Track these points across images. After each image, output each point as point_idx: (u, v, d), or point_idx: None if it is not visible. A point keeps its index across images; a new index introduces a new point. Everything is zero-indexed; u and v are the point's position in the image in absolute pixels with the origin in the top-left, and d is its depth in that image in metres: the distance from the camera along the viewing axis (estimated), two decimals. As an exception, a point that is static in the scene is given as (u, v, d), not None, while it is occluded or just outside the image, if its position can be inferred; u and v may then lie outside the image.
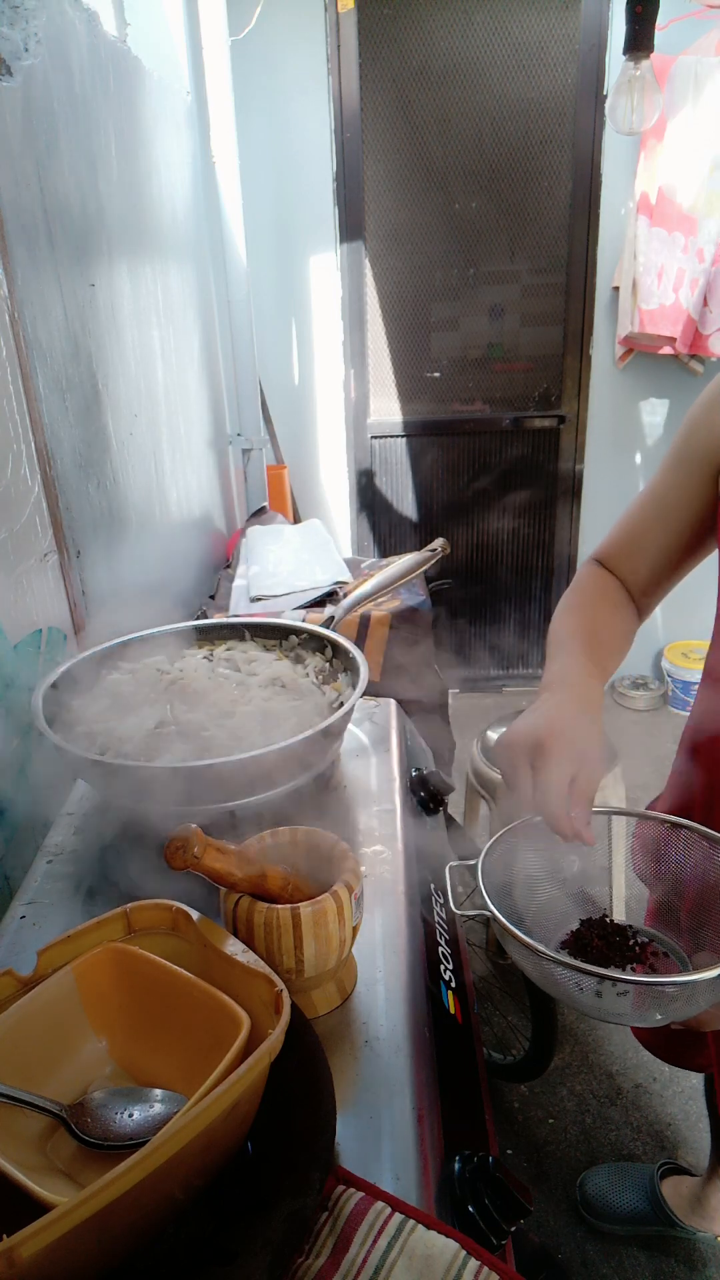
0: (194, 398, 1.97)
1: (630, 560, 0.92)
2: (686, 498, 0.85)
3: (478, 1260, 0.47)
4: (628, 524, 0.92)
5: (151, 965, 0.57)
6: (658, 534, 0.89)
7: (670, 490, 0.87)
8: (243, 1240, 0.46)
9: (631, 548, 0.91)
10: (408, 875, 0.84)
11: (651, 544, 0.90)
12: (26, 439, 1.04)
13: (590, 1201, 1.44)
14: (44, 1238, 0.38)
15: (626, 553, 0.92)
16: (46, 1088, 0.53)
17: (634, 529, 0.91)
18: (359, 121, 2.61)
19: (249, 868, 0.62)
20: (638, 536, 0.91)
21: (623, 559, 0.92)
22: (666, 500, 0.88)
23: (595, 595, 0.91)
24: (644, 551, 0.90)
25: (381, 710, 1.17)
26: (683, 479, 0.85)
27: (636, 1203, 1.42)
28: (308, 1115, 0.52)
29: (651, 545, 0.90)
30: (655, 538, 0.89)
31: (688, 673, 3.06)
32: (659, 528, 0.89)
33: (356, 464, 3.02)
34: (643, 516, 0.91)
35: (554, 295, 2.83)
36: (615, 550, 0.93)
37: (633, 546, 0.91)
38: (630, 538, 0.92)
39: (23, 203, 1.05)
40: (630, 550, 0.92)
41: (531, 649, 3.33)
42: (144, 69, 1.59)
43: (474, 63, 2.56)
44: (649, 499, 0.90)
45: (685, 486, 0.85)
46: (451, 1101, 0.64)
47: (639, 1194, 1.42)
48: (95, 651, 1.03)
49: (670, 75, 2.36)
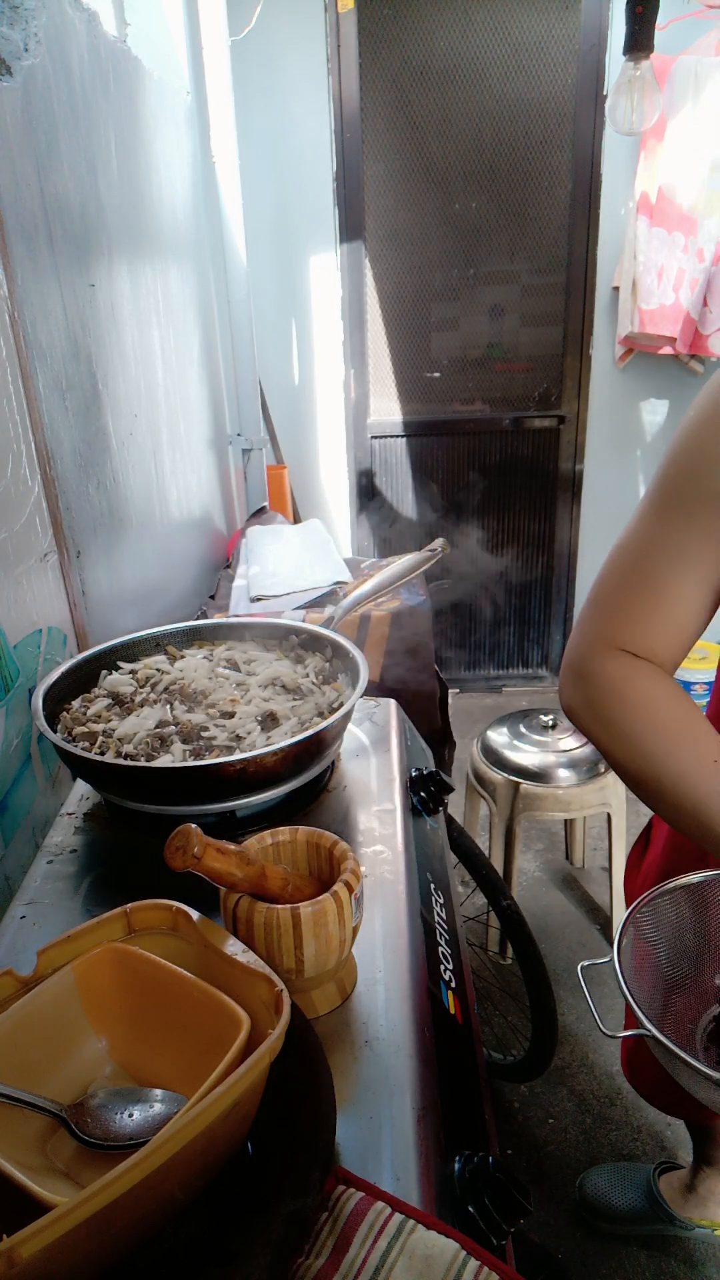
0: (194, 398, 1.97)
1: (664, 633, 0.72)
2: (712, 542, 0.68)
3: (478, 1260, 0.47)
4: (644, 593, 0.71)
5: (151, 965, 0.57)
6: (689, 593, 0.70)
7: (690, 538, 0.69)
8: (243, 1240, 0.46)
9: (663, 619, 0.71)
10: (408, 875, 0.84)
11: (683, 610, 0.71)
12: (26, 439, 1.04)
13: (589, 1201, 1.44)
14: (44, 1238, 0.38)
15: (659, 627, 0.72)
16: (46, 1088, 0.53)
17: (655, 596, 0.71)
18: (359, 121, 2.61)
19: (249, 868, 0.62)
20: (665, 604, 0.71)
21: (656, 634, 0.72)
22: (687, 549, 0.69)
23: (682, 712, 0.70)
24: (675, 621, 0.72)
25: (381, 710, 1.17)
26: (701, 520, 0.68)
27: (635, 1201, 1.42)
28: (308, 1115, 0.52)
29: (682, 611, 0.71)
30: (686, 599, 0.71)
31: (688, 672, 3.06)
32: (690, 585, 0.70)
33: (356, 464, 3.02)
34: (661, 576, 0.71)
35: (554, 295, 2.83)
36: (642, 628, 0.72)
37: (664, 618, 0.71)
38: (654, 608, 0.72)
39: (23, 203, 1.05)
40: (663, 623, 0.72)
41: (531, 649, 3.33)
42: (144, 69, 1.59)
43: (474, 63, 2.56)
44: (661, 554, 0.70)
45: (708, 530, 0.68)
46: (451, 1101, 0.64)
47: (638, 1193, 1.43)
48: (95, 651, 1.03)
49: (670, 75, 2.36)
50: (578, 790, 1.84)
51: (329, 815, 0.93)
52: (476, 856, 1.35)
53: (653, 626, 0.72)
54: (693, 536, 0.69)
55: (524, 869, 2.32)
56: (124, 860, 0.88)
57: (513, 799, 1.87)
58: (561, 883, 2.27)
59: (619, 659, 0.73)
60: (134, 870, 0.86)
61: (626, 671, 0.72)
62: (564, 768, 1.86)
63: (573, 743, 1.93)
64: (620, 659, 0.73)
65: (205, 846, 0.59)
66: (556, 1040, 1.44)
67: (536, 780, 1.85)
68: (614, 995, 1.86)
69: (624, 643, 0.73)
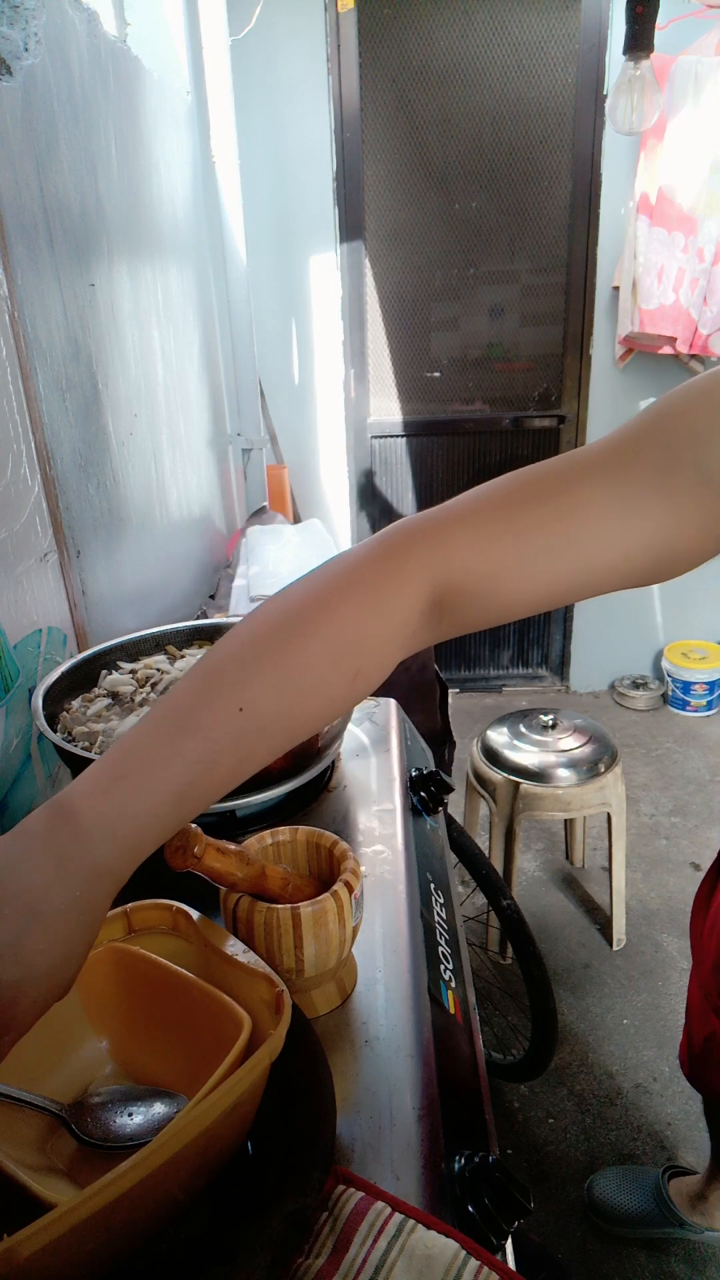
0: (194, 398, 1.97)
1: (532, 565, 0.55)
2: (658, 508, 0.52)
3: (478, 1260, 0.47)
4: (550, 505, 0.53)
5: (152, 965, 0.57)
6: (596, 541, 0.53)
7: (641, 489, 0.53)
8: (243, 1240, 0.46)
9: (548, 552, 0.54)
10: (408, 875, 0.84)
11: (575, 552, 0.53)
12: (26, 439, 1.04)
13: (598, 1205, 1.44)
14: (44, 1237, 0.38)
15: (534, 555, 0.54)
16: (46, 1088, 0.53)
17: (559, 522, 0.54)
18: (359, 121, 2.61)
19: (249, 868, 0.62)
20: (561, 537, 0.54)
21: (517, 560, 0.55)
22: (630, 495, 0.53)
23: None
24: (560, 559, 0.54)
25: (381, 710, 1.17)
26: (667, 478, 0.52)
27: (644, 1204, 1.41)
28: (308, 1115, 0.52)
29: (574, 552, 0.53)
30: (586, 545, 0.53)
31: (688, 672, 3.06)
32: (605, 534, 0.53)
33: (356, 464, 3.02)
34: (585, 504, 0.53)
35: (554, 295, 2.83)
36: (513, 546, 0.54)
37: (550, 551, 0.54)
38: (548, 531, 0.54)
39: (23, 203, 1.05)
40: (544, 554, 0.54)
41: (531, 649, 3.33)
42: (144, 69, 1.59)
43: (474, 63, 2.56)
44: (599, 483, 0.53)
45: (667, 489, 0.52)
46: (451, 1101, 0.64)
47: (646, 1196, 1.42)
48: (95, 651, 1.03)
49: (670, 75, 2.36)
50: (578, 790, 1.84)
51: (329, 815, 0.93)
52: (476, 856, 1.35)
53: (527, 549, 0.53)
54: (648, 490, 0.52)
55: (524, 869, 2.32)
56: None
57: (513, 799, 1.87)
58: (561, 883, 2.27)
59: (423, 564, 0.53)
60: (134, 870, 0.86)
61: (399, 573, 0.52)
62: (564, 768, 1.86)
63: (573, 743, 1.93)
64: (427, 564, 0.53)
65: (205, 846, 0.59)
66: (556, 1040, 1.44)
67: (536, 780, 1.85)
68: (612, 995, 1.87)
69: (463, 550, 0.53)
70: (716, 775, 2.74)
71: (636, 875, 2.26)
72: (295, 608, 0.52)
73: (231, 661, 0.50)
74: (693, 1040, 1.23)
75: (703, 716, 3.11)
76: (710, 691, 3.07)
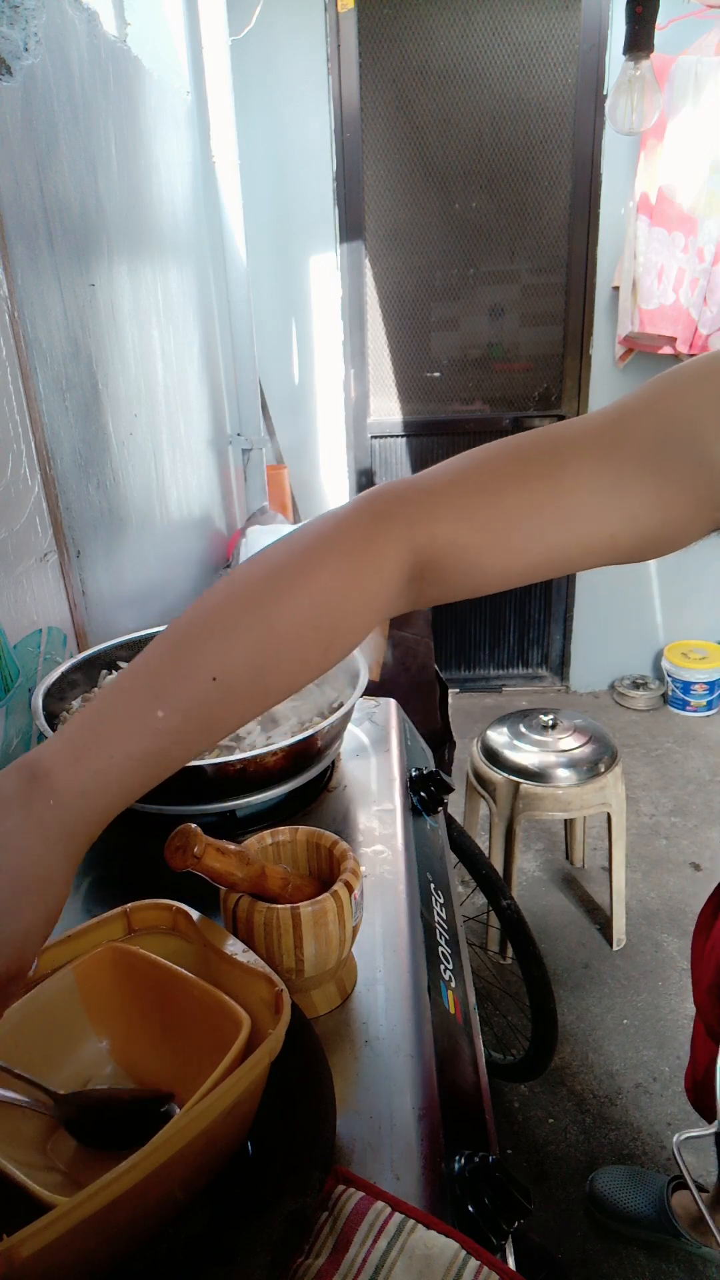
0: (194, 398, 1.97)
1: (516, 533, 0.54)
2: (651, 491, 0.51)
3: (478, 1260, 0.47)
4: (542, 478, 0.53)
5: (152, 965, 0.57)
6: (583, 516, 0.53)
7: (634, 476, 0.51)
8: (243, 1240, 0.46)
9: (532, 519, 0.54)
10: (408, 875, 0.84)
11: (558, 524, 0.53)
12: (26, 439, 1.04)
13: (599, 1198, 1.43)
14: (44, 1237, 0.38)
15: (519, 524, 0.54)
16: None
17: (552, 497, 0.53)
18: (359, 121, 2.61)
19: (249, 867, 0.62)
20: (549, 508, 0.54)
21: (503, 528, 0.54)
22: (621, 477, 0.52)
23: None
24: (546, 528, 0.53)
25: (381, 710, 1.17)
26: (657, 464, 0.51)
27: (645, 1209, 1.41)
28: (308, 1115, 0.52)
29: (556, 525, 0.53)
30: (571, 520, 0.53)
31: (688, 672, 3.06)
32: (590, 513, 0.52)
33: (356, 464, 3.02)
34: (573, 482, 0.52)
35: (554, 295, 2.83)
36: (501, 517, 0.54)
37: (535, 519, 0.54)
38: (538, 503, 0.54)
39: (23, 203, 1.05)
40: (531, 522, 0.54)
41: (531, 649, 3.33)
42: (144, 69, 1.59)
43: (474, 63, 2.56)
44: (587, 462, 0.52)
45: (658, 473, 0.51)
46: (451, 1101, 0.64)
47: (649, 1201, 1.41)
48: (95, 651, 1.03)
49: (670, 75, 2.36)
50: (578, 790, 1.84)
51: (329, 815, 0.93)
52: (476, 856, 1.35)
53: (513, 525, 0.52)
54: (639, 470, 0.51)
55: (524, 869, 2.32)
56: (124, 860, 0.88)
57: (513, 799, 1.87)
58: (561, 883, 2.27)
59: (405, 534, 0.52)
60: (134, 870, 0.86)
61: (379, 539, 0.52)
62: (564, 768, 1.86)
63: (573, 743, 1.93)
64: (409, 535, 0.52)
65: (205, 846, 0.59)
66: (556, 1040, 1.44)
67: (536, 780, 1.85)
68: (612, 995, 1.87)
69: (446, 522, 0.53)
70: (716, 775, 2.74)
71: (636, 875, 2.26)
72: (274, 574, 0.52)
73: (209, 624, 0.51)
74: (696, 1066, 1.22)
75: (703, 716, 3.11)
76: (710, 691, 3.07)
